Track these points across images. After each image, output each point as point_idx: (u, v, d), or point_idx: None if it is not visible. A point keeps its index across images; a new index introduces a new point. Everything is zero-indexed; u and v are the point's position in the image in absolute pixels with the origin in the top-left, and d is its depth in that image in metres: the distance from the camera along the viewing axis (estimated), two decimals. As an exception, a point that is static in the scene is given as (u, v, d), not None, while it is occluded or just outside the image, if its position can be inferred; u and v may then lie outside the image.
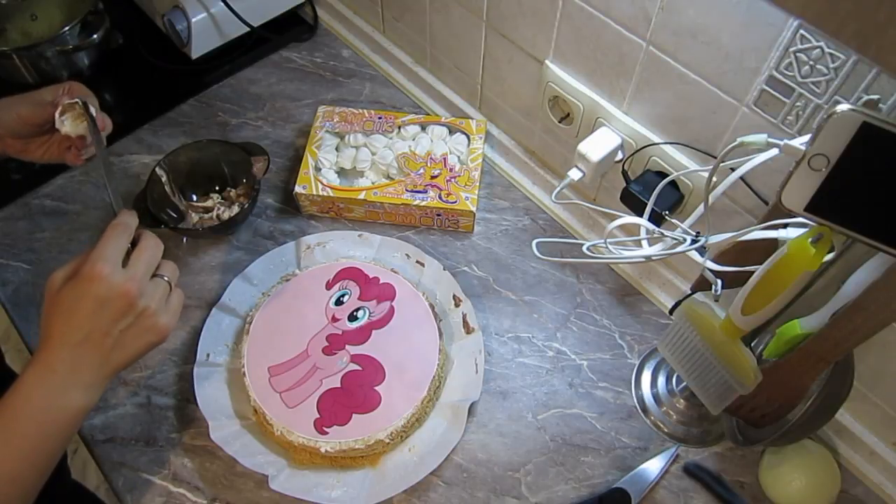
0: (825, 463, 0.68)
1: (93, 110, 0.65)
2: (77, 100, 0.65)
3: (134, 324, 0.54)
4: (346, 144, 0.89)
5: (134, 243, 0.57)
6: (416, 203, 0.82)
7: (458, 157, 0.88)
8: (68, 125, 0.65)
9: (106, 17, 0.97)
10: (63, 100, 0.64)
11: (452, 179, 0.84)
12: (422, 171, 0.85)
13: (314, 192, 0.83)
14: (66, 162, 0.69)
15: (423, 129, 0.90)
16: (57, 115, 0.64)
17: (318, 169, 0.86)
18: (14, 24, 0.99)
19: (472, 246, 0.85)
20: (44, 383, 0.52)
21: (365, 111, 0.91)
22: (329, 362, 0.72)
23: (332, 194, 0.83)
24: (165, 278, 0.57)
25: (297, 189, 0.84)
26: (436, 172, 0.84)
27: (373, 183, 0.86)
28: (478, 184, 0.84)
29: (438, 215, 0.84)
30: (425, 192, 0.83)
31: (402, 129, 0.89)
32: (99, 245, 0.54)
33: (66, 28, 0.92)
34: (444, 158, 0.85)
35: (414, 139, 0.89)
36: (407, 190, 0.83)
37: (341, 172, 0.88)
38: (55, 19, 1.00)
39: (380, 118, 0.90)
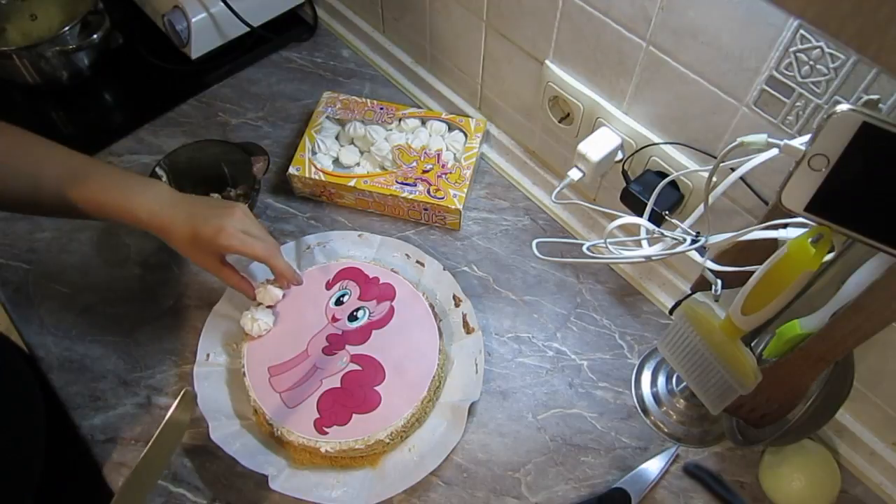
0: (825, 463, 0.68)
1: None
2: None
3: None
4: (346, 133, 0.90)
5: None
6: (403, 195, 0.82)
7: (454, 154, 0.88)
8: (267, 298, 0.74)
9: (106, 17, 0.97)
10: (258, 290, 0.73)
11: (443, 176, 0.84)
12: (414, 164, 0.85)
13: (307, 175, 0.84)
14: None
15: (423, 123, 0.90)
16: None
17: (314, 153, 0.87)
18: (14, 24, 0.99)
19: (472, 246, 0.85)
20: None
21: (367, 100, 0.92)
22: (329, 362, 0.72)
23: (323, 178, 0.84)
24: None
25: (291, 170, 0.85)
26: (428, 167, 0.85)
27: (367, 172, 0.87)
28: (468, 182, 0.84)
29: (426, 209, 0.84)
30: (414, 185, 0.83)
31: (402, 122, 0.90)
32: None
33: (66, 28, 0.92)
34: (439, 154, 0.86)
35: (413, 132, 0.89)
36: (397, 182, 0.83)
37: (336, 159, 0.89)
38: (55, 19, 1.00)
39: (381, 108, 0.91)
